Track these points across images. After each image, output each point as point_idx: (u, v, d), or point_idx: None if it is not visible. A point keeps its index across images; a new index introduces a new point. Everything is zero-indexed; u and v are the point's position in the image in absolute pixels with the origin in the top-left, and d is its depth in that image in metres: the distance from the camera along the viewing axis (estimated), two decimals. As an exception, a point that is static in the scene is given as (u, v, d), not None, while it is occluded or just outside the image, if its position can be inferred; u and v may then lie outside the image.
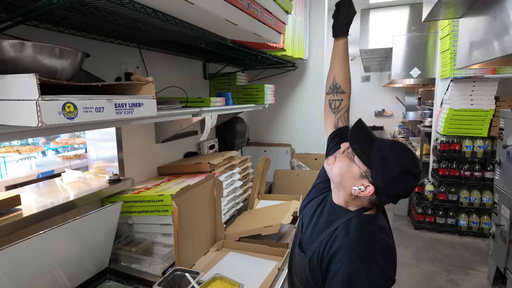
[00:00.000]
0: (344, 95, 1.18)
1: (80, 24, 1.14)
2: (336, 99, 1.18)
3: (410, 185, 0.84)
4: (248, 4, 1.02)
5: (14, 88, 0.64)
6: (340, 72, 1.18)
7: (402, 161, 0.83)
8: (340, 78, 1.18)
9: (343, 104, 1.18)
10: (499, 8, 1.74)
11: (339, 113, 1.18)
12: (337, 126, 1.16)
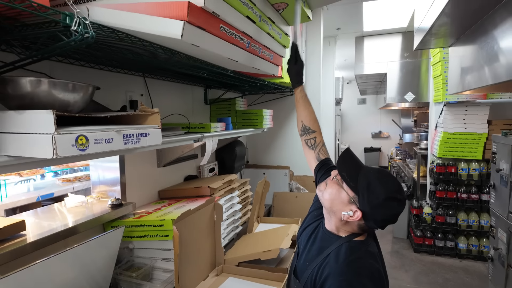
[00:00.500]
0: (315, 133, 1.30)
1: (90, 57, 1.21)
2: (310, 138, 1.30)
3: (395, 211, 0.89)
4: (248, 43, 1.09)
5: (32, 122, 0.68)
6: (306, 116, 1.32)
7: (387, 187, 0.89)
8: (307, 121, 1.32)
9: (318, 140, 1.29)
10: (485, 39, 1.84)
11: (317, 149, 1.28)
12: (319, 159, 1.25)
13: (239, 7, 0.95)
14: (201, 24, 0.79)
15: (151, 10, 0.76)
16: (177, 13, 0.73)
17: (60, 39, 0.74)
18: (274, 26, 1.29)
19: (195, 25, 0.77)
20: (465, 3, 1.59)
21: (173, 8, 0.73)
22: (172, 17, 0.74)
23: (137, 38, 0.89)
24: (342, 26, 3.96)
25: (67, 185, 2.47)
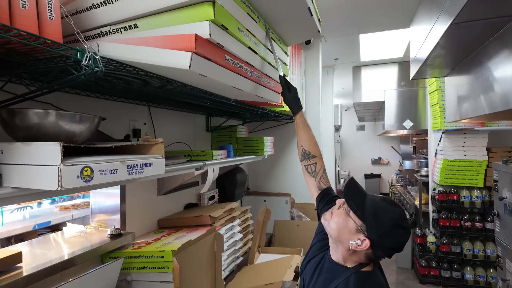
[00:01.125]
0: (316, 159, 1.30)
1: (96, 88, 1.24)
2: (310, 164, 1.29)
3: (402, 238, 0.90)
4: (251, 72, 1.13)
5: (38, 154, 0.69)
6: (306, 141, 1.33)
7: (393, 215, 0.90)
8: (307, 146, 1.32)
9: (318, 166, 1.28)
10: (480, 70, 1.90)
11: (317, 176, 1.27)
12: (320, 188, 1.23)
13: (242, 38, 0.99)
14: (208, 54, 0.82)
15: (160, 43, 0.79)
16: (185, 45, 0.76)
17: (71, 73, 0.76)
18: (274, 56, 1.34)
19: (202, 56, 0.80)
20: (459, 36, 1.65)
21: (181, 41, 0.76)
22: (180, 49, 0.77)
23: (144, 71, 0.92)
24: (339, 56, 4.08)
25: (64, 212, 2.42)
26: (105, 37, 0.87)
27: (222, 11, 0.82)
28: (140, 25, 0.83)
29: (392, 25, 3.06)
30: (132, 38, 0.83)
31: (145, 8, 0.81)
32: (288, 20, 1.20)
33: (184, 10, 0.79)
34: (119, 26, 0.85)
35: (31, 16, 0.65)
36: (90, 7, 0.87)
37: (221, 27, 0.84)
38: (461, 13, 1.30)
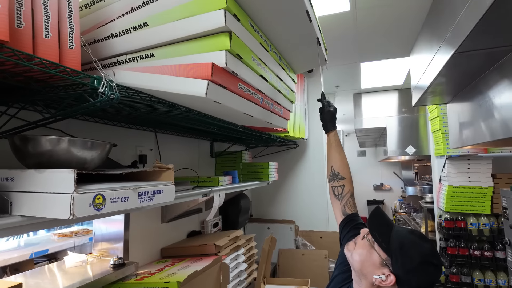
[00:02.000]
0: (344, 181, 1.25)
1: (106, 114, 1.25)
2: (338, 185, 1.25)
3: (432, 277, 0.82)
4: (262, 99, 1.14)
5: (51, 181, 0.68)
6: (336, 160, 1.29)
7: (421, 250, 0.83)
8: (337, 166, 1.28)
9: (346, 189, 1.24)
10: (481, 97, 1.92)
11: (343, 199, 1.22)
12: (345, 213, 1.19)
13: (255, 67, 1.01)
14: (223, 82, 0.83)
15: (176, 71, 0.80)
16: (202, 73, 0.77)
17: (86, 100, 0.77)
18: (282, 83, 1.38)
19: (217, 83, 0.81)
20: (461, 66, 1.69)
21: (198, 69, 0.77)
22: (197, 77, 0.78)
23: (157, 98, 0.93)
24: (340, 83, 4.16)
25: (62, 240, 2.35)
26: (121, 65, 0.89)
27: (237, 41, 0.84)
28: (156, 54, 0.85)
29: (392, 54, 3.15)
30: (148, 67, 0.84)
31: (163, 38, 0.83)
32: (298, 49, 1.23)
33: (201, 40, 0.81)
34: (136, 55, 0.87)
35: (53, 45, 0.66)
36: (108, 37, 0.89)
37: (236, 56, 0.86)
38: (465, 42, 1.34)
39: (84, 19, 0.97)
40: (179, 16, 0.82)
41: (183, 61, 0.81)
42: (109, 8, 0.93)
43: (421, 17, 2.34)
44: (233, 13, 0.82)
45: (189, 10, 0.81)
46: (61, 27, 0.68)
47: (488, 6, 1.04)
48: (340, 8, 2.25)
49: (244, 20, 0.90)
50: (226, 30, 0.80)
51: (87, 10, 0.97)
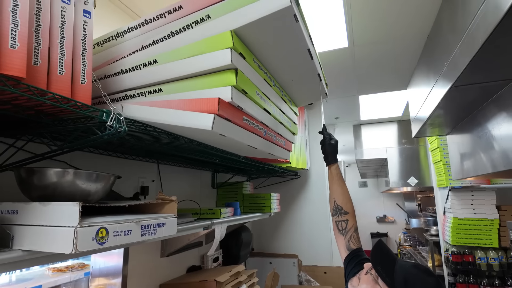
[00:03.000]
0: (348, 215, 1.24)
1: (110, 146, 1.26)
2: (342, 220, 1.24)
3: None
4: (265, 131, 1.16)
5: (55, 214, 0.67)
6: (339, 194, 1.28)
7: (426, 285, 0.82)
8: (340, 200, 1.27)
9: (350, 224, 1.22)
10: (480, 129, 1.95)
11: (348, 234, 1.21)
12: (349, 249, 1.17)
13: (259, 101, 1.04)
14: (228, 116, 0.86)
15: (183, 105, 0.82)
16: (208, 107, 0.79)
17: (94, 133, 0.78)
18: (285, 116, 1.40)
19: (223, 117, 0.83)
20: (458, 98, 1.73)
21: (205, 104, 0.80)
22: (203, 111, 0.80)
23: (162, 130, 0.94)
24: (340, 115, 4.24)
25: (57, 276, 2.26)
26: (130, 100, 0.91)
27: (243, 78, 0.88)
28: (164, 89, 0.88)
29: (390, 87, 3.24)
30: (156, 101, 0.87)
31: (172, 74, 0.87)
32: (300, 84, 1.27)
33: (208, 77, 0.85)
34: (144, 90, 0.90)
35: (66, 81, 0.69)
36: (118, 72, 0.92)
37: (241, 92, 0.89)
38: (461, 77, 1.38)
39: (96, 56, 1.01)
40: (188, 54, 0.86)
41: (190, 96, 0.84)
42: (121, 45, 0.98)
43: (417, 52, 2.43)
44: (239, 52, 0.86)
45: (198, 48, 0.85)
46: (74, 64, 0.72)
47: (481, 44, 1.09)
48: (339, 45, 2.35)
49: (249, 58, 0.94)
50: (232, 68, 0.84)
51: (99, 48, 1.02)
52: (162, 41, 0.91)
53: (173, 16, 0.94)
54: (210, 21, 0.88)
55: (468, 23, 1.24)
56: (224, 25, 0.85)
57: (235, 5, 0.85)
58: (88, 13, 0.75)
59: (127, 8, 1.94)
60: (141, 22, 0.98)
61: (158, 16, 0.96)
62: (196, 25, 0.89)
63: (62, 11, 0.68)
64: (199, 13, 0.89)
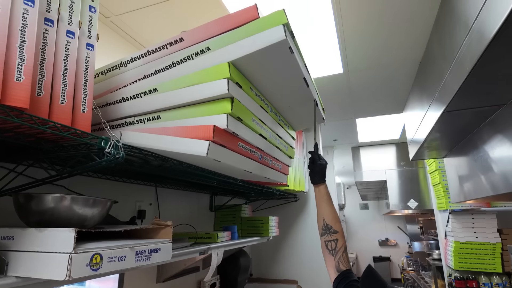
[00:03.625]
0: (337, 235, 1.23)
1: (108, 170, 1.28)
2: (331, 240, 1.23)
3: None
4: (260, 156, 1.18)
5: (50, 240, 0.68)
6: (328, 214, 1.27)
7: None
8: (329, 219, 1.26)
9: (339, 244, 1.21)
10: (477, 152, 1.97)
11: (337, 255, 1.20)
12: (339, 270, 1.16)
13: (254, 127, 1.07)
14: (223, 142, 0.88)
15: (180, 132, 0.85)
16: (204, 134, 0.82)
17: (93, 159, 0.81)
18: (281, 140, 1.43)
19: (218, 143, 0.86)
20: (452, 122, 1.77)
21: (200, 131, 0.83)
22: (199, 138, 0.83)
23: (160, 155, 0.97)
24: (338, 137, 4.28)
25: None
26: (129, 126, 0.94)
27: (239, 106, 0.92)
28: (163, 117, 0.91)
29: (386, 111, 3.29)
30: (154, 128, 0.90)
31: (170, 102, 0.91)
32: (297, 110, 1.32)
33: (205, 105, 0.89)
34: (143, 117, 0.94)
35: (67, 110, 0.72)
36: (119, 100, 0.96)
37: (236, 119, 0.92)
38: (452, 102, 1.42)
39: (99, 84, 1.06)
40: (187, 83, 0.91)
41: (187, 123, 0.88)
42: (123, 75, 1.03)
43: (411, 77, 2.50)
44: (235, 81, 0.91)
45: (196, 78, 0.90)
46: (76, 94, 0.75)
47: (468, 72, 1.14)
48: (333, 71, 2.42)
49: (246, 86, 0.99)
50: (228, 96, 0.88)
51: (103, 77, 1.07)
52: (163, 70, 0.96)
53: (174, 47, 0.99)
54: (209, 52, 0.93)
55: (456, 51, 1.30)
56: (223, 57, 0.91)
57: (234, 38, 0.90)
58: (91, 46, 0.79)
59: (132, 38, 2.02)
60: (144, 52, 1.03)
61: (160, 47, 1.01)
62: (196, 56, 0.95)
63: (66, 45, 0.73)
64: (200, 45, 0.95)
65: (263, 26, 0.88)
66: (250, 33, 0.89)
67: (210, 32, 0.96)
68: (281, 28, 0.86)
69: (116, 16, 1.80)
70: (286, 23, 0.87)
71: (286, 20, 0.87)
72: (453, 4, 1.41)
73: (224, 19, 0.96)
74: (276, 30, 0.86)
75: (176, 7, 1.76)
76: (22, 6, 0.62)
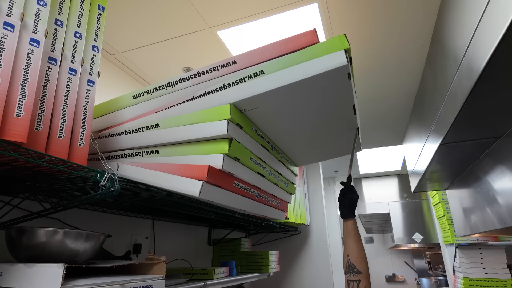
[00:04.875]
0: (361, 276, 1.16)
1: (104, 203, 1.27)
2: (353, 280, 1.16)
3: None
4: (257, 194, 1.17)
5: (39, 276, 0.66)
6: (354, 251, 1.20)
7: None
8: (353, 257, 1.19)
9: (362, 285, 1.14)
10: (479, 184, 1.94)
11: None
12: None
13: (252, 166, 1.06)
14: (218, 183, 0.88)
15: (176, 170, 0.86)
16: (198, 174, 0.83)
17: (87, 192, 0.81)
18: (281, 177, 1.39)
19: (212, 184, 0.86)
20: (451, 154, 1.77)
21: (195, 170, 0.83)
22: (194, 177, 0.83)
23: (155, 188, 0.97)
24: (339, 169, 4.26)
25: None
26: (127, 158, 0.95)
27: (237, 146, 0.92)
28: (161, 152, 0.92)
29: (385, 142, 3.31)
30: (151, 163, 0.91)
31: (170, 138, 0.92)
32: (300, 149, 1.30)
33: (203, 144, 0.90)
34: (143, 150, 0.95)
35: (64, 144, 0.73)
36: (122, 133, 0.98)
37: (234, 159, 0.92)
38: (448, 135, 1.43)
39: (142, 104, 1.05)
40: (188, 121, 0.92)
41: (184, 160, 0.88)
42: (171, 95, 1.02)
43: (408, 110, 2.54)
44: (236, 122, 0.91)
45: (198, 117, 0.91)
46: (74, 128, 0.77)
47: (460, 106, 1.16)
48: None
49: (247, 127, 0.98)
50: (227, 137, 0.89)
51: (148, 96, 1.05)
52: (213, 92, 0.94)
53: (226, 69, 0.97)
54: (263, 76, 0.90)
55: (448, 86, 1.33)
56: (277, 81, 0.87)
57: (291, 62, 0.88)
58: (92, 83, 0.83)
59: (136, 74, 2.10)
60: (194, 73, 1.01)
61: (211, 69, 0.98)
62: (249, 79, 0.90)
63: (68, 81, 0.76)
64: (253, 68, 0.91)
65: (324, 51, 0.85)
66: (308, 57, 0.86)
67: (265, 55, 0.94)
68: (343, 53, 0.83)
69: (120, 53, 1.88)
70: (347, 49, 0.85)
71: (347, 46, 0.84)
72: (443, 41, 1.47)
73: (281, 43, 0.94)
74: (337, 55, 0.83)
75: (178, 45, 1.85)
76: (28, 47, 0.66)
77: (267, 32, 1.79)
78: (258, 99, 0.90)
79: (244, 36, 1.82)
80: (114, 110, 1.10)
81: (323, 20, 1.68)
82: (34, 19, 0.68)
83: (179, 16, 1.63)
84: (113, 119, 1.08)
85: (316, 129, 1.17)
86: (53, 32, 0.74)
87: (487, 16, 0.95)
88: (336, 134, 1.24)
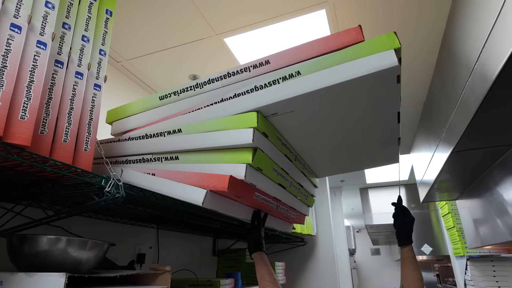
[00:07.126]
0: None
1: (109, 211, 1.25)
2: None
3: None
4: (276, 206, 1.11)
5: (39, 286, 0.64)
6: (410, 281, 1.13)
7: None
8: (407, 286, 1.13)
9: None
10: (490, 194, 1.89)
11: None
12: None
13: (274, 177, 1.00)
14: (238, 193, 0.84)
15: (194, 179, 0.83)
16: (219, 184, 0.79)
17: (92, 198, 0.78)
18: (302, 189, 1.32)
19: (229, 195, 0.83)
20: (461, 163, 1.73)
21: (216, 180, 0.80)
22: (214, 187, 0.80)
23: (161, 195, 0.94)
24: (345, 178, 4.21)
25: None
26: (131, 164, 0.93)
27: (261, 156, 0.86)
28: (181, 158, 0.88)
29: (393, 151, 3.26)
30: (160, 170, 0.88)
31: (192, 145, 0.88)
32: (325, 160, 1.24)
33: (226, 152, 0.85)
34: (161, 156, 0.91)
35: (69, 148, 0.72)
36: (142, 136, 0.96)
37: (256, 169, 0.87)
38: (460, 143, 1.40)
39: (169, 106, 1.02)
40: (212, 128, 0.87)
41: (204, 169, 0.84)
42: (198, 97, 0.97)
43: (416, 118, 2.51)
44: (262, 131, 0.86)
45: (223, 124, 0.86)
46: (80, 132, 0.75)
47: (473, 113, 1.13)
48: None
49: (273, 136, 0.93)
50: (251, 146, 0.84)
51: (175, 97, 1.01)
52: (243, 94, 0.89)
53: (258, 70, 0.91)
54: (299, 77, 0.82)
55: (460, 93, 1.30)
56: (315, 83, 0.78)
57: (331, 62, 0.79)
58: (99, 87, 0.81)
59: (142, 81, 2.10)
60: (224, 74, 0.96)
61: (242, 69, 0.93)
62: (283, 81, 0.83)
63: (74, 85, 0.74)
64: (288, 69, 0.84)
65: (370, 50, 0.75)
66: (352, 57, 0.77)
67: (302, 55, 0.86)
68: (393, 52, 0.73)
69: (127, 60, 1.89)
70: (398, 48, 0.74)
71: (398, 44, 0.74)
72: (454, 47, 1.45)
73: (319, 41, 0.85)
74: (386, 54, 0.73)
75: (185, 52, 1.85)
76: (34, 49, 0.65)
77: (274, 39, 1.78)
78: (293, 103, 0.82)
79: (252, 43, 1.82)
80: (139, 112, 1.06)
81: (331, 26, 1.67)
82: (41, 21, 0.67)
83: (186, 23, 1.63)
84: (136, 120, 1.06)
85: (350, 137, 1.06)
86: (60, 35, 0.73)
87: (501, 21, 0.93)
88: (372, 143, 1.12)
